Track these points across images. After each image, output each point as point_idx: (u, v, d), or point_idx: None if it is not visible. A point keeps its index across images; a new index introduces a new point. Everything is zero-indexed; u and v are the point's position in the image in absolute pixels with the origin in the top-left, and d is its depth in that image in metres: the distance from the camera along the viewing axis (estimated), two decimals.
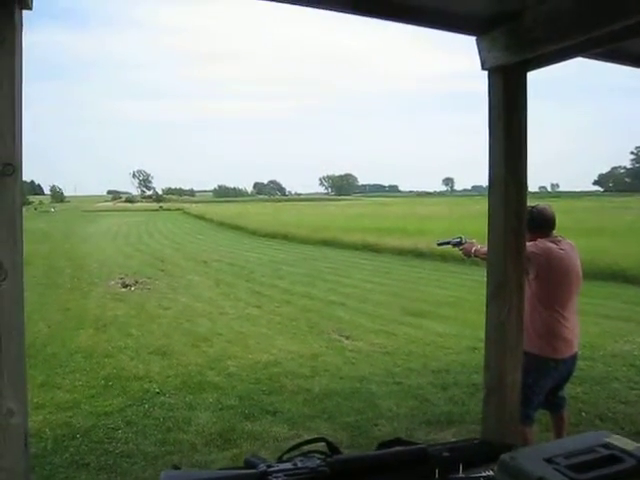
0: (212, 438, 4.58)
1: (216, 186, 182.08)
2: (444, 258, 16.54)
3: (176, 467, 1.74)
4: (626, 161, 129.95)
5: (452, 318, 8.89)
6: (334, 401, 5.40)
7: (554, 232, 3.83)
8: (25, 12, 1.92)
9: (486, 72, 2.89)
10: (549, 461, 1.20)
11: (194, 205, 71.90)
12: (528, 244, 3.65)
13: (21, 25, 1.88)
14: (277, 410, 5.20)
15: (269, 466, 1.47)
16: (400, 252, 18.72)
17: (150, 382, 5.97)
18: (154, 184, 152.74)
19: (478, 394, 4.36)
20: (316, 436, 1.78)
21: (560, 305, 3.71)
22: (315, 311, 9.90)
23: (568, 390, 5.61)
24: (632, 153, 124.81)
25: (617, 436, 1.35)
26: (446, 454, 1.54)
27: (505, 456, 1.24)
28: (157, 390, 5.72)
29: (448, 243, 4.42)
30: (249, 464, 1.53)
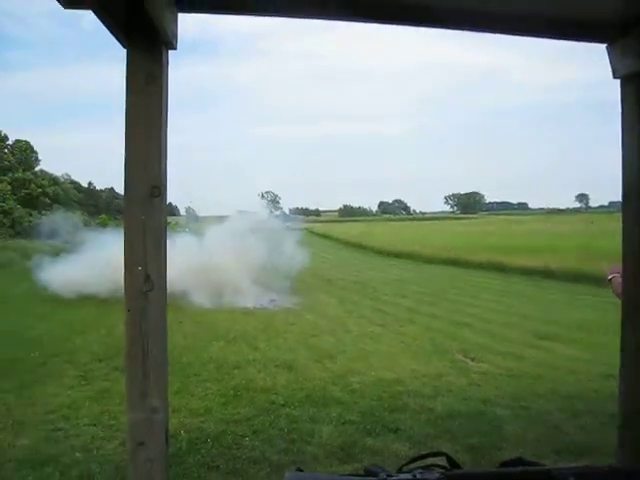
0: (334, 451, 4.67)
1: (341, 206, 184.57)
2: (576, 279, 15.70)
3: (299, 469, 1.83)
4: None
5: (584, 342, 8.41)
6: (457, 422, 5.30)
7: None
8: (170, 52, 2.14)
9: (618, 81, 2.79)
10: None
11: (319, 224, 73.36)
12: None
13: (167, 63, 2.10)
14: (399, 428, 5.18)
15: (389, 475, 1.51)
16: (529, 272, 17.99)
17: (276, 394, 6.19)
18: (281, 204, 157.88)
19: (613, 425, 4.10)
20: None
21: None
22: (439, 331, 9.76)
23: None
24: None
25: None
26: (572, 479, 1.50)
27: None
28: (282, 402, 5.91)
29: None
30: (369, 472, 1.58)
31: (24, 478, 4.15)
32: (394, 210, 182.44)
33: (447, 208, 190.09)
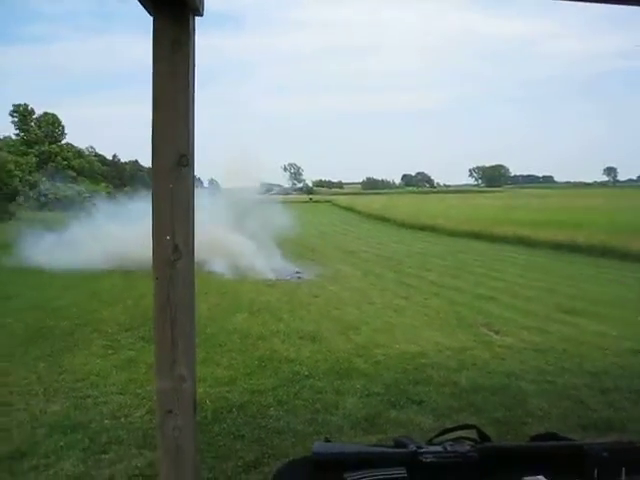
0: (358, 422, 4.69)
1: (364, 178, 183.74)
2: (603, 253, 15.49)
3: (327, 439, 1.83)
4: None
5: (611, 317, 8.31)
6: (481, 395, 5.28)
7: None
8: (197, 19, 2.10)
9: None
10: None
11: (342, 197, 73.20)
12: None
13: (194, 30, 2.06)
14: (423, 400, 5.19)
15: (419, 447, 1.51)
16: (555, 246, 17.80)
17: (300, 365, 6.22)
18: (304, 177, 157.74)
19: None
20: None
21: None
22: (463, 304, 9.73)
23: None
24: None
25: None
26: (605, 454, 1.48)
27: None
28: (306, 373, 5.94)
29: None
30: (399, 443, 1.58)
31: (56, 443, 4.24)
32: (417, 183, 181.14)
33: (471, 181, 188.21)
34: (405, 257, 16.27)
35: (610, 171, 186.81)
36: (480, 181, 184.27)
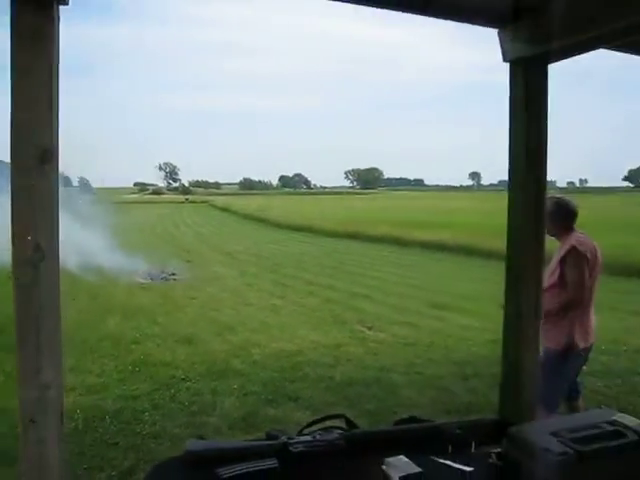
0: (236, 422, 4.70)
1: (241, 179, 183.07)
2: (469, 252, 16.52)
3: (201, 437, 1.84)
4: None
5: (474, 311, 8.88)
6: (355, 389, 5.49)
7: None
8: (62, 7, 2.01)
9: (508, 65, 2.92)
10: (554, 434, 1.26)
11: (220, 197, 72.37)
12: (580, 240, 3.75)
13: (58, 19, 1.98)
14: (299, 397, 5.30)
15: (289, 438, 1.56)
16: (425, 245, 18.70)
17: (176, 368, 6.11)
18: (180, 176, 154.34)
19: (498, 385, 4.38)
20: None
21: (594, 295, 3.86)
22: (338, 302, 9.98)
23: (590, 384, 5.67)
24: None
25: (622, 414, 1.41)
26: (458, 431, 1.62)
27: (513, 429, 1.31)
28: (183, 376, 5.85)
29: None
30: (270, 436, 1.62)
31: None
32: (295, 184, 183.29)
33: (347, 183, 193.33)
34: (282, 257, 16.40)
35: (474, 176, 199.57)
36: (355, 183, 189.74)
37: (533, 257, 2.76)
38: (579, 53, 2.97)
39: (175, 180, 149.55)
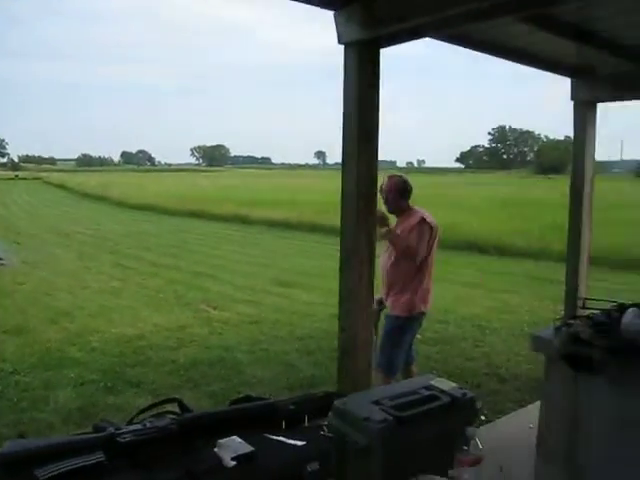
0: (71, 415, 4.43)
1: (80, 155, 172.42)
2: (313, 229, 16.96)
3: (21, 436, 1.72)
4: (485, 140, 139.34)
5: (318, 287, 9.16)
6: (200, 370, 5.43)
7: None
8: None
9: (343, 47, 3.00)
10: (376, 403, 1.34)
11: (55, 174, 67.38)
12: (421, 213, 3.94)
13: None
14: (141, 382, 5.14)
15: (117, 429, 1.50)
16: (271, 224, 18.89)
17: (3, 362, 5.63)
18: (9, 151, 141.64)
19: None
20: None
21: (433, 265, 4.08)
22: (182, 283, 9.79)
23: (424, 351, 6.11)
24: (489, 134, 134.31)
25: (439, 378, 1.53)
26: (292, 407, 1.66)
27: (338, 402, 1.37)
28: (11, 370, 5.40)
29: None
30: (97, 429, 1.55)
31: None
32: (138, 161, 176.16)
33: (193, 160, 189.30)
34: (123, 238, 15.72)
35: (320, 155, 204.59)
36: (201, 160, 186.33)
37: (365, 233, 2.89)
38: (408, 40, 3.13)
39: (3, 155, 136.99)
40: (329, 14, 3.00)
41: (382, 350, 3.92)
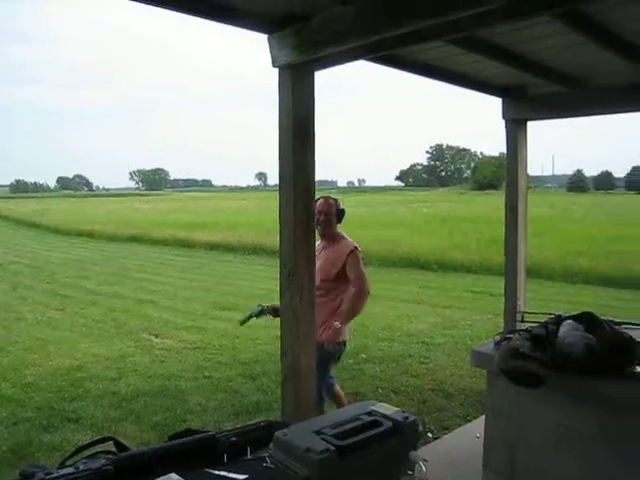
0: (3, 456, 4.20)
1: (13, 180, 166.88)
2: (255, 251, 16.86)
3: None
4: (423, 159, 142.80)
5: None
6: (142, 401, 5.27)
7: None
8: None
9: (277, 70, 3.01)
10: (318, 432, 1.31)
11: None
12: (348, 239, 3.92)
13: None
14: (80, 417, 4.93)
15: (47, 473, 1.41)
16: (212, 247, 18.70)
17: None
18: None
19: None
20: (105, 436, 1.74)
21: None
22: (123, 311, 9.52)
23: (369, 370, 6.12)
24: (427, 152, 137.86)
25: (381, 403, 1.51)
26: (234, 439, 1.61)
27: (279, 433, 1.33)
28: None
29: (251, 317, 4.29)
30: (25, 475, 1.45)
31: None
32: (75, 186, 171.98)
33: (132, 184, 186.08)
34: (60, 266, 15.20)
35: (261, 176, 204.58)
36: (141, 184, 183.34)
37: (303, 253, 2.88)
38: (341, 63, 3.17)
39: None
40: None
41: None
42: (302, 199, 2.83)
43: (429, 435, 4.38)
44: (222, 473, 1.49)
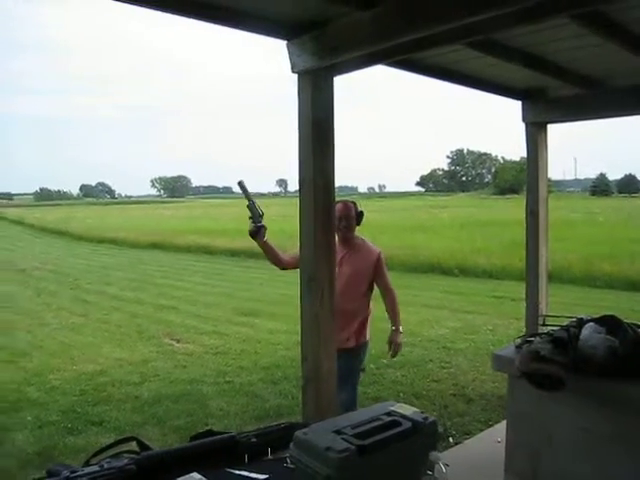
0: (30, 459, 4.25)
1: (37, 189, 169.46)
2: None
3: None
4: (444, 164, 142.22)
5: (283, 315, 9.10)
6: (164, 406, 5.31)
7: None
8: None
9: (296, 75, 3.04)
10: (338, 432, 1.32)
11: (11, 209, 65.83)
12: (370, 244, 3.90)
13: None
14: (103, 420, 4.99)
15: (73, 471, 1.44)
16: (233, 253, 18.77)
17: None
18: None
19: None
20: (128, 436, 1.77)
21: None
22: (145, 316, 9.62)
23: (390, 375, 6.11)
24: (448, 157, 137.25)
25: (400, 404, 1.52)
26: (254, 440, 1.62)
27: (299, 432, 1.35)
28: None
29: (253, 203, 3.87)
30: (51, 473, 1.49)
31: None
32: (98, 194, 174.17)
33: (154, 192, 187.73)
34: (84, 272, 15.40)
35: (282, 182, 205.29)
36: (162, 192, 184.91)
37: (324, 257, 2.89)
38: (359, 68, 3.19)
39: None
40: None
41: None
42: (322, 203, 2.85)
43: (450, 440, 4.36)
44: (243, 473, 1.51)
